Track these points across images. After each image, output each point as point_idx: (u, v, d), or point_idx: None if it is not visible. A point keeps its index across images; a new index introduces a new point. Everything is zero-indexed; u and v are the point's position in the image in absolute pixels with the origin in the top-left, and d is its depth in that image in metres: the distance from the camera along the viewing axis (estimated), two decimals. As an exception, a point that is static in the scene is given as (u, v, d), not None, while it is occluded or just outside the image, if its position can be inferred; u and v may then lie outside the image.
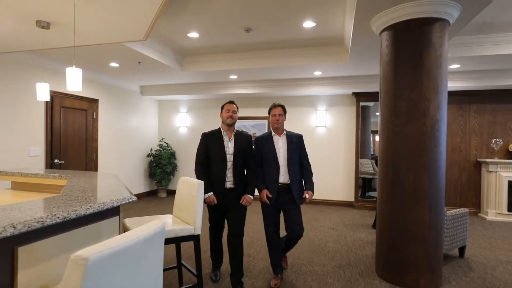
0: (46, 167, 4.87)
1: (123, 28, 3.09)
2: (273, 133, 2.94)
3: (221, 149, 2.79)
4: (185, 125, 7.74)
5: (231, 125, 2.86)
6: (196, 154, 2.88)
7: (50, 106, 4.93)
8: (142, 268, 1.10)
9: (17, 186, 3.22)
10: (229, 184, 2.79)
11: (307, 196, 2.87)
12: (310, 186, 2.92)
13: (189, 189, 2.43)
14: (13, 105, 4.45)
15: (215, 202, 2.74)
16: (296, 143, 2.92)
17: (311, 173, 2.96)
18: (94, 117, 5.81)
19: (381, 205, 3.16)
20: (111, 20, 2.91)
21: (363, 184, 6.97)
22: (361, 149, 6.79)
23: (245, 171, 2.93)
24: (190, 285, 2.42)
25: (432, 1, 2.74)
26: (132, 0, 2.54)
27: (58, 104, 5.06)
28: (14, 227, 1.14)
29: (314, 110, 6.92)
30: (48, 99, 3.07)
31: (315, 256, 3.71)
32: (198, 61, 5.49)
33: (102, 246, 0.94)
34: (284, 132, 2.96)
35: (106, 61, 4.94)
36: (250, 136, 3.00)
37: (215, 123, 7.51)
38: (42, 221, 1.25)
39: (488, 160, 5.78)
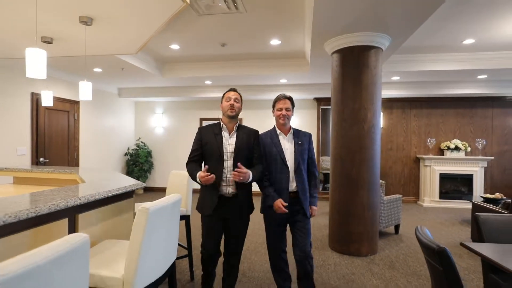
0: (32, 165, 5.17)
1: (118, 43, 3.61)
2: (278, 131, 2.43)
3: (218, 146, 2.22)
4: (161, 125, 8.20)
5: (233, 117, 2.30)
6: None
7: (35, 108, 5.24)
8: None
9: (19, 181, 3.63)
10: (229, 189, 2.22)
11: (313, 212, 2.41)
12: (314, 199, 2.42)
13: (180, 179, 3.04)
14: (1, 108, 4.74)
15: (212, 179, 2.09)
16: (305, 143, 2.42)
17: (318, 182, 2.48)
18: (76, 118, 6.14)
19: (332, 192, 3.97)
20: (109, 37, 3.43)
21: (324, 178, 7.87)
22: (323, 147, 7.68)
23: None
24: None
25: (369, 33, 3.58)
26: (133, 22, 3.09)
27: (42, 106, 5.37)
28: (80, 199, 1.73)
29: (281, 113, 7.70)
30: (51, 104, 3.52)
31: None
32: (177, 68, 6.03)
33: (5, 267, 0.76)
34: (291, 130, 2.45)
35: (90, 67, 5.34)
36: (256, 132, 2.42)
37: (190, 124, 8.05)
38: (94, 196, 1.83)
39: (424, 156, 6.91)
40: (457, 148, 6.81)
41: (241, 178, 2.10)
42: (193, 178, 2.23)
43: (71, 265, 0.97)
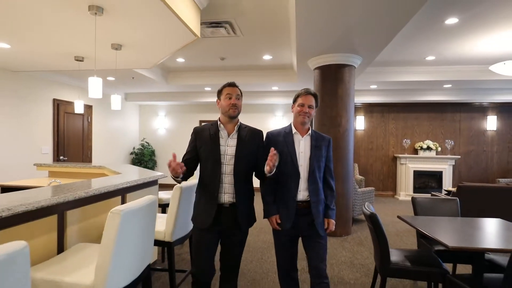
0: (54, 162, 5.88)
1: (138, 61, 4.36)
2: (294, 129, 2.08)
3: (215, 149, 1.92)
4: (164, 127, 8.94)
5: (234, 118, 1.97)
6: None
7: (56, 112, 5.96)
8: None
9: (53, 175, 4.36)
10: (227, 197, 1.90)
11: (329, 226, 2.05)
12: (332, 212, 2.07)
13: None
14: (29, 113, 5.45)
15: (180, 168, 1.75)
16: (323, 148, 2.07)
17: (335, 193, 2.12)
18: (89, 120, 6.86)
19: (314, 184, 4.77)
20: (133, 57, 4.18)
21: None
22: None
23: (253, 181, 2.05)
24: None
25: (343, 54, 4.38)
26: (154, 47, 3.84)
27: (62, 110, 6.09)
28: (129, 182, 2.49)
29: (273, 116, 8.51)
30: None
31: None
32: (181, 76, 6.78)
33: None
34: (310, 131, 2.10)
35: (105, 75, 6.06)
36: (260, 132, 2.08)
37: (190, 125, 8.80)
38: (139, 181, 2.60)
39: (400, 155, 7.77)
40: (429, 148, 7.68)
41: (275, 162, 1.78)
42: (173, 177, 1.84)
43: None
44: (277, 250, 2.14)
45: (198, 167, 2.04)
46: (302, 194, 2.02)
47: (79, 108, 4.14)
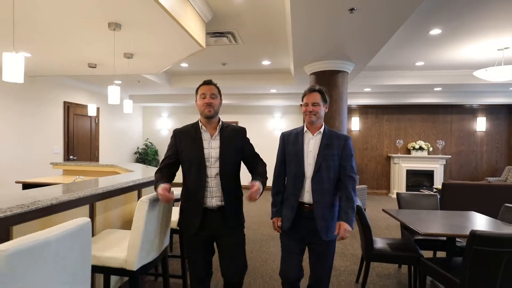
0: (65, 161, 6.21)
1: (147, 68, 4.69)
2: (305, 129, 2.04)
3: (198, 151, 1.86)
4: (166, 127, 9.27)
5: (211, 118, 1.91)
6: None
7: (66, 114, 6.29)
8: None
9: (67, 173, 4.69)
10: (215, 201, 1.85)
11: (340, 230, 1.84)
12: (347, 215, 1.87)
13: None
14: (42, 115, 5.78)
15: (168, 195, 1.73)
16: (335, 147, 1.95)
17: (353, 196, 1.91)
18: (96, 122, 7.19)
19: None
20: (141, 64, 4.51)
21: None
22: (308, 147, 8.84)
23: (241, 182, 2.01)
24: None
25: (336, 61, 4.72)
26: (162, 56, 4.17)
27: (72, 112, 6.43)
28: (144, 179, 2.82)
29: (272, 117, 8.85)
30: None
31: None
32: (184, 80, 7.11)
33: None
34: (321, 129, 2.01)
35: (112, 79, 6.39)
36: (243, 130, 2.04)
37: (192, 126, 9.13)
38: (151, 178, 2.92)
39: (394, 155, 8.12)
40: (421, 148, 8.03)
41: (257, 197, 1.79)
42: (155, 188, 1.81)
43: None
44: (282, 255, 2.03)
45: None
46: (309, 195, 1.92)
47: (92, 111, 4.47)
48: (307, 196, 1.94)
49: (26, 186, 3.90)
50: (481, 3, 3.29)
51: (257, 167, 2.00)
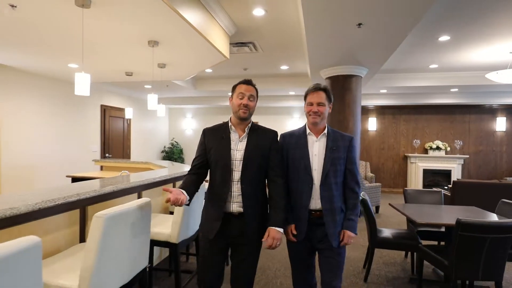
0: (101, 159, 6.88)
1: (176, 75, 5.21)
2: (308, 130, 1.91)
3: (225, 152, 1.78)
4: (191, 127, 9.87)
5: (245, 120, 1.82)
6: None
7: (103, 116, 6.95)
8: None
9: (105, 169, 5.29)
10: (235, 206, 1.75)
11: (344, 237, 1.83)
12: (351, 222, 1.84)
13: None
14: (82, 116, 6.47)
15: (177, 198, 1.63)
16: (341, 149, 1.86)
17: (357, 201, 1.89)
18: (128, 122, 7.85)
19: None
20: (172, 72, 5.04)
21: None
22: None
23: (266, 189, 1.86)
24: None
25: (350, 66, 5.04)
26: (191, 65, 4.67)
27: (108, 114, 7.09)
28: (177, 173, 3.30)
29: (291, 118, 9.23)
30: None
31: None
32: (207, 83, 7.63)
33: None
34: (325, 131, 1.89)
35: (143, 84, 7.00)
36: (274, 133, 1.90)
37: (214, 126, 9.67)
38: (183, 172, 3.40)
39: (410, 154, 8.27)
40: (438, 148, 8.14)
41: (278, 244, 1.71)
42: None
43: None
44: (292, 264, 1.97)
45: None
46: (316, 202, 1.82)
47: (129, 114, 5.06)
48: (314, 204, 1.83)
49: (74, 179, 4.51)
50: (488, 12, 3.50)
51: (275, 188, 1.79)
